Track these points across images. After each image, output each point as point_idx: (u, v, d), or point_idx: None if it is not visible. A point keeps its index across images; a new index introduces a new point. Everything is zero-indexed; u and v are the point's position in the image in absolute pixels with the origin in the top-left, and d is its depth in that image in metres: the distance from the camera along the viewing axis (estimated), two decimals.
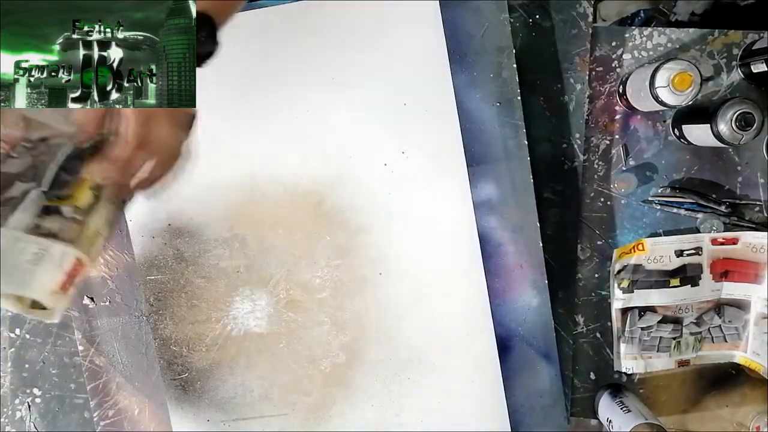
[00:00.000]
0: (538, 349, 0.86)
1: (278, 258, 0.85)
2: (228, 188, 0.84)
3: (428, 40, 0.83)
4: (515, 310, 0.86)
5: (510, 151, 0.85)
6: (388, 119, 0.83)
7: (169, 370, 0.85)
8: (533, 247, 0.85)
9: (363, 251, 0.84)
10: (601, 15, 1.24)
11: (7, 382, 0.90)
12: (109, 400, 0.87)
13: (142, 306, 0.86)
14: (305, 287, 0.85)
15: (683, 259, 0.87)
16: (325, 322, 0.85)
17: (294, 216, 0.84)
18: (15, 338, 0.90)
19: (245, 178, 0.84)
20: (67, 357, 0.90)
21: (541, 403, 0.87)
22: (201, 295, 0.85)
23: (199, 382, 0.85)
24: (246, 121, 0.83)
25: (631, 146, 0.90)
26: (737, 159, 0.90)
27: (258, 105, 0.83)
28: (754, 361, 0.88)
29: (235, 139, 0.83)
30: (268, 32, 0.83)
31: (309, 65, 0.83)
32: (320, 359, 0.85)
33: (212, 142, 0.83)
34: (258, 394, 0.85)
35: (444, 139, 0.83)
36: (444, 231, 0.84)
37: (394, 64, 0.83)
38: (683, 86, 0.78)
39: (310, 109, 0.83)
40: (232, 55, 0.82)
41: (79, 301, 0.86)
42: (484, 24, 0.84)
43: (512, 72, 0.84)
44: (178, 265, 0.85)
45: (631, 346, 0.88)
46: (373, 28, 0.83)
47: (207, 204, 0.84)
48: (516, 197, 0.85)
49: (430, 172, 0.84)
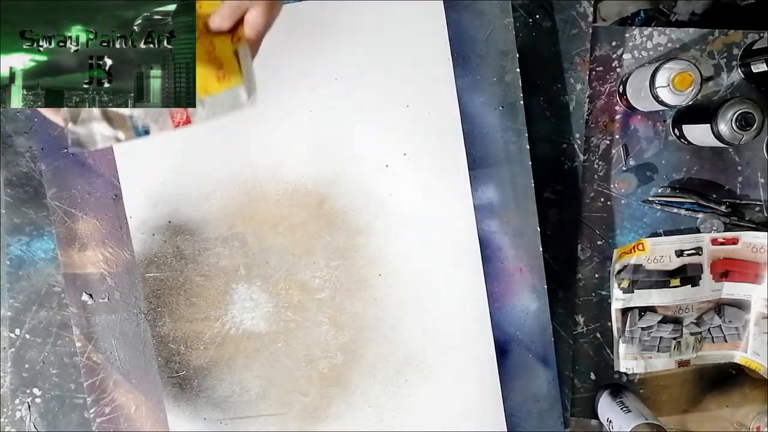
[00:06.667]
0: (536, 354, 0.86)
1: (278, 257, 0.85)
2: (229, 187, 0.84)
3: (432, 43, 0.82)
4: (514, 314, 0.86)
5: (512, 155, 0.84)
6: (391, 121, 0.83)
7: (167, 368, 0.86)
8: (533, 251, 0.85)
9: (363, 252, 0.84)
10: (601, 15, 1.24)
11: (7, 382, 0.90)
12: (105, 397, 0.87)
13: (140, 303, 0.86)
14: (304, 287, 0.85)
15: (683, 259, 0.87)
16: (324, 322, 0.85)
17: (294, 216, 0.84)
18: (15, 338, 0.90)
19: (246, 177, 0.84)
20: (67, 357, 0.90)
21: (538, 408, 0.87)
22: (200, 294, 0.85)
23: (197, 381, 0.85)
24: (247, 120, 0.83)
25: (631, 146, 0.90)
26: (737, 159, 0.89)
27: (260, 104, 0.83)
28: (754, 361, 0.88)
29: (236, 138, 0.83)
30: (270, 32, 0.83)
31: (312, 66, 0.83)
32: (318, 359, 0.85)
33: (213, 141, 0.83)
34: (255, 394, 0.85)
35: (446, 141, 0.83)
36: (444, 233, 0.84)
37: (397, 66, 0.83)
38: (683, 86, 0.78)
39: (313, 110, 0.83)
40: None
41: (77, 298, 0.86)
42: (488, 27, 0.84)
43: (515, 76, 0.84)
44: (178, 262, 0.85)
45: (631, 346, 0.88)
46: (377, 30, 0.82)
47: (207, 202, 0.84)
48: (517, 201, 0.85)
49: (432, 175, 0.84)
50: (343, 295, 0.85)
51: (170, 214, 0.84)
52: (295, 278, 0.85)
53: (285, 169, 0.84)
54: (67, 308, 0.88)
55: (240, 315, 0.85)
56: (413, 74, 0.83)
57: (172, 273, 0.85)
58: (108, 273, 0.86)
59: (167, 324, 0.85)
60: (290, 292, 0.85)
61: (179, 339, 0.85)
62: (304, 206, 0.84)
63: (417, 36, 0.82)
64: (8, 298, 0.90)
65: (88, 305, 0.86)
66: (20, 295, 0.90)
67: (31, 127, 0.85)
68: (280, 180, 0.84)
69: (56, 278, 0.89)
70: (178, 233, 0.84)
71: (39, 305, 0.90)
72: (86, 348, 0.87)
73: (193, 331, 0.85)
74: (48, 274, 0.90)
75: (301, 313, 0.85)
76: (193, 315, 0.85)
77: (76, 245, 0.86)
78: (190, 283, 0.85)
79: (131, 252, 0.85)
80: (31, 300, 0.90)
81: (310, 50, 0.83)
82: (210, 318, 0.85)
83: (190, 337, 0.85)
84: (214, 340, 0.85)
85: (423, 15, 0.82)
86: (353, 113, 0.83)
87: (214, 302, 0.85)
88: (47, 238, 0.89)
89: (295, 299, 0.85)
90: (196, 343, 0.85)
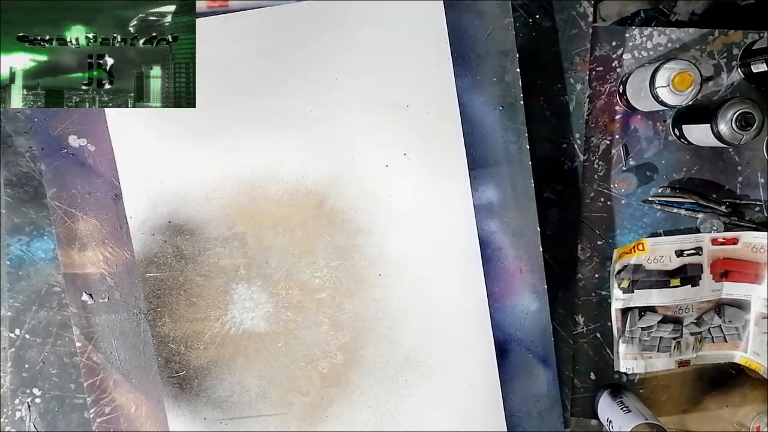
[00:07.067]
0: (536, 354, 0.86)
1: (278, 257, 0.85)
2: (229, 187, 0.84)
3: (432, 42, 0.82)
4: (514, 314, 0.86)
5: (512, 156, 0.84)
6: (391, 121, 0.83)
7: (167, 368, 0.86)
8: (533, 251, 0.85)
9: (363, 252, 0.84)
10: (601, 15, 1.23)
11: (7, 382, 0.90)
12: (105, 397, 0.87)
13: (140, 303, 0.86)
14: (304, 287, 0.85)
15: (683, 259, 0.87)
16: (324, 322, 0.85)
17: (294, 216, 0.84)
18: (15, 338, 0.90)
19: (246, 177, 0.84)
20: (66, 357, 0.90)
21: (538, 408, 0.87)
22: (200, 293, 0.85)
23: (197, 380, 0.85)
24: (248, 120, 0.83)
25: (631, 146, 0.90)
26: (737, 159, 0.89)
27: (260, 105, 0.83)
28: (754, 361, 0.88)
29: (236, 138, 0.83)
30: (270, 32, 0.83)
31: (312, 66, 0.83)
32: (318, 359, 0.85)
33: (214, 141, 0.83)
34: (255, 393, 0.85)
35: (446, 141, 0.83)
36: (444, 234, 0.84)
37: (397, 66, 0.83)
38: (683, 86, 0.78)
39: (313, 109, 0.83)
40: (234, 55, 0.83)
41: (77, 298, 0.86)
42: (488, 27, 0.84)
43: (515, 76, 0.84)
44: (178, 262, 0.85)
45: (631, 346, 0.88)
46: (377, 30, 0.82)
47: (207, 202, 0.84)
48: (517, 201, 0.85)
49: (432, 175, 0.84)
50: (343, 295, 0.85)
51: (170, 214, 0.84)
52: (295, 278, 0.85)
53: (285, 169, 0.84)
54: (67, 308, 0.88)
55: (240, 315, 0.85)
56: (413, 74, 0.83)
57: (172, 273, 0.85)
58: (108, 273, 0.86)
59: (167, 324, 0.85)
60: (290, 292, 0.85)
61: (179, 339, 0.85)
62: (304, 206, 0.84)
63: (417, 36, 0.82)
64: (8, 298, 0.90)
65: (88, 305, 0.86)
66: (20, 295, 0.90)
67: (31, 127, 0.85)
68: (280, 180, 0.84)
69: (56, 278, 0.89)
70: (178, 233, 0.84)
71: (39, 305, 0.90)
72: (86, 348, 0.87)
73: (193, 331, 0.85)
74: (48, 274, 0.90)
75: (301, 313, 0.85)
76: (193, 315, 0.85)
77: (76, 245, 0.86)
78: (190, 283, 0.85)
79: (131, 252, 0.85)
80: (31, 300, 0.90)
81: (309, 50, 0.83)
82: (210, 318, 0.85)
83: (190, 337, 0.85)
84: (214, 340, 0.85)
85: (423, 15, 0.82)
86: (353, 113, 0.83)
87: (214, 302, 0.85)
88: (47, 238, 0.89)
89: (295, 299, 0.85)
90: (196, 343, 0.85)
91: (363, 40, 0.83)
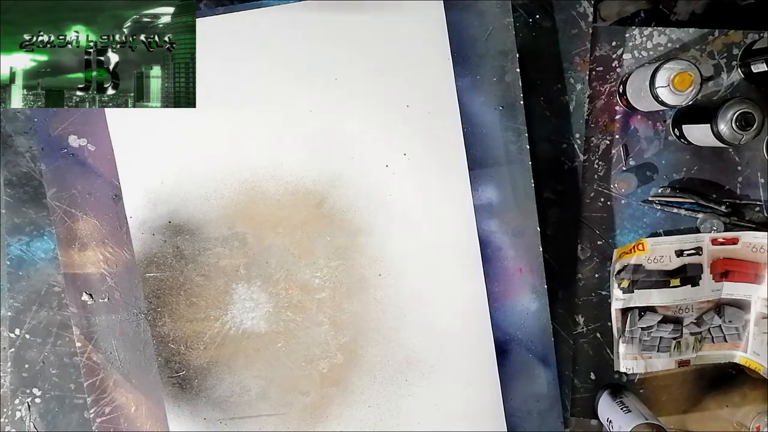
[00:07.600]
0: (536, 354, 0.86)
1: (278, 257, 0.85)
2: (229, 187, 0.84)
3: (432, 42, 0.83)
4: (514, 314, 0.86)
5: (512, 155, 0.84)
6: (391, 121, 0.83)
7: (167, 368, 0.86)
8: (533, 251, 0.85)
9: (363, 252, 0.84)
10: (601, 15, 1.23)
11: (7, 382, 0.90)
12: (105, 397, 0.87)
13: (140, 303, 0.86)
14: (304, 287, 0.85)
15: (683, 259, 0.87)
16: (324, 322, 0.85)
17: (294, 216, 0.84)
18: (15, 338, 0.90)
19: (246, 177, 0.84)
20: (66, 357, 0.90)
21: (538, 408, 0.87)
22: (200, 293, 0.85)
23: (197, 380, 0.85)
24: (248, 120, 0.83)
25: (631, 146, 0.90)
26: (737, 159, 0.89)
27: (260, 105, 0.83)
28: (754, 361, 0.88)
29: (236, 138, 0.83)
30: (270, 32, 0.83)
31: (312, 66, 0.83)
32: (318, 359, 0.85)
33: (214, 141, 0.83)
34: (255, 393, 0.85)
35: (446, 141, 0.83)
36: (444, 234, 0.84)
37: (397, 66, 0.83)
38: (683, 86, 0.78)
39: (313, 110, 0.83)
40: (234, 55, 0.83)
41: (77, 298, 0.86)
42: (488, 27, 0.84)
43: (515, 76, 0.84)
44: (178, 262, 0.85)
45: (631, 346, 0.88)
46: (377, 30, 0.82)
47: (207, 202, 0.84)
48: (517, 201, 0.85)
49: (432, 175, 0.84)
50: (343, 295, 0.85)
51: (170, 214, 0.84)
52: (295, 278, 0.85)
53: (285, 169, 0.84)
54: (67, 308, 0.88)
55: (240, 315, 0.85)
56: (413, 74, 0.83)
57: (172, 273, 0.85)
58: (108, 273, 0.86)
59: (167, 324, 0.85)
60: (290, 292, 0.85)
61: (179, 339, 0.85)
62: (304, 206, 0.84)
63: (417, 36, 0.82)
64: (8, 298, 0.90)
65: (88, 305, 0.86)
66: (20, 295, 0.90)
67: (31, 127, 0.85)
68: (280, 180, 0.84)
69: (56, 278, 0.89)
70: (178, 233, 0.84)
71: (39, 305, 0.90)
72: (86, 348, 0.87)
73: (193, 331, 0.85)
74: (48, 274, 0.90)
75: (301, 313, 0.85)
76: (193, 315, 0.85)
77: (76, 245, 0.86)
78: (190, 283, 0.85)
79: (131, 252, 0.85)
80: (31, 300, 0.90)
81: (310, 50, 0.83)
82: (210, 318, 0.85)
83: (191, 337, 0.85)
84: (214, 340, 0.85)
85: (423, 15, 0.82)
86: (353, 113, 0.83)
87: (214, 302, 0.85)
88: (47, 238, 0.89)
89: (295, 299, 0.85)
90: (196, 343, 0.85)
91: (363, 40, 0.83)
